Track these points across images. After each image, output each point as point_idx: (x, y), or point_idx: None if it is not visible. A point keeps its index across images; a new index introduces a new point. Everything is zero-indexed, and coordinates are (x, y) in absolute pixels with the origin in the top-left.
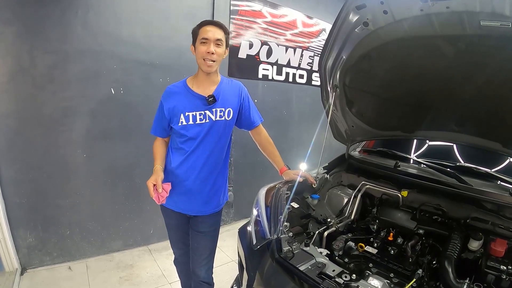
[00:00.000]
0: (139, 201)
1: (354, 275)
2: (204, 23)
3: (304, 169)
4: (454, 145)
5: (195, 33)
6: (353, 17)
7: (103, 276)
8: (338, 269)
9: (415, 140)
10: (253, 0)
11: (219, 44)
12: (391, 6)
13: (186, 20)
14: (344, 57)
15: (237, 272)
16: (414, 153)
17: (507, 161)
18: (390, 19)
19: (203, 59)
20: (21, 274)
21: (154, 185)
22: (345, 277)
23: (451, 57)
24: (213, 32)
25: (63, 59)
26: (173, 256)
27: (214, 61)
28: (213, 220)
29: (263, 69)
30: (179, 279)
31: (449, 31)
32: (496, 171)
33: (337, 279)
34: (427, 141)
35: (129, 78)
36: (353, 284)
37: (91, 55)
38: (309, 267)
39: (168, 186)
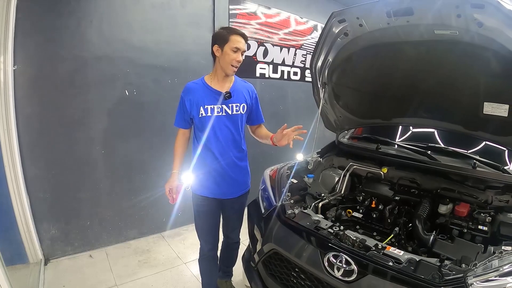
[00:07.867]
0: (152, 192)
1: (341, 226)
2: (235, 32)
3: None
4: (427, 129)
5: (223, 37)
6: (336, 29)
7: (123, 261)
8: (330, 223)
9: (397, 127)
10: (248, 3)
11: (243, 54)
12: (364, 20)
13: (190, 27)
14: (330, 59)
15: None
16: (395, 137)
17: (470, 140)
18: (365, 30)
19: (231, 65)
20: (45, 264)
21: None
22: (335, 228)
23: (415, 58)
24: (243, 44)
25: (81, 65)
26: (187, 240)
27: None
28: (244, 198)
29: (260, 68)
30: (200, 278)
31: (411, 38)
32: (462, 149)
33: (329, 230)
34: (411, 127)
35: (141, 81)
36: (341, 232)
37: (107, 60)
38: (308, 223)
39: (180, 187)
